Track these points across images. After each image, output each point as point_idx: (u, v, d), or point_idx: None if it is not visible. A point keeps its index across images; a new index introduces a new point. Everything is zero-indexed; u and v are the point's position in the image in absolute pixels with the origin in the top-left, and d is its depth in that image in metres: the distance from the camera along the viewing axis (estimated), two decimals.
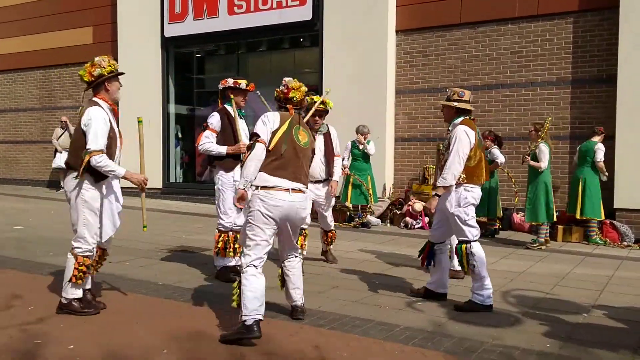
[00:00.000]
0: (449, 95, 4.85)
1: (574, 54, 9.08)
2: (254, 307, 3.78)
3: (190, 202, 12.21)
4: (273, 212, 3.95)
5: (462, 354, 3.68)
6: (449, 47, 10.06)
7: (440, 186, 4.62)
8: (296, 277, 4.32)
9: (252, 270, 3.90)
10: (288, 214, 4.02)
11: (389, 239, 8.39)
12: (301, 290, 4.35)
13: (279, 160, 4.02)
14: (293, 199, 4.01)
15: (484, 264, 4.65)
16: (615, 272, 6.28)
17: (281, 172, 4.02)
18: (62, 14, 14.63)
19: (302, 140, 4.18)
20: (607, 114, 8.75)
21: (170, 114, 13.01)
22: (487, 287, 4.65)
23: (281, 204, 3.96)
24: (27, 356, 3.53)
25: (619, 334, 4.18)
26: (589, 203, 7.89)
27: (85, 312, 4.35)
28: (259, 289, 3.85)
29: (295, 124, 4.19)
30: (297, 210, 4.07)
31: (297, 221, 4.15)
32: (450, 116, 4.84)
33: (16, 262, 6.24)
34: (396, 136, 10.48)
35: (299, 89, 4.29)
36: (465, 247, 4.67)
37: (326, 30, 10.79)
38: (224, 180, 5.55)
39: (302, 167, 4.15)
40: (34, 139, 15.62)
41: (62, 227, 8.75)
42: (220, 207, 5.58)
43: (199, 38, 12.39)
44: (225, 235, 5.54)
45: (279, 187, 3.98)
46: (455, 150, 4.57)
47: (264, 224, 3.95)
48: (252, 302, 3.78)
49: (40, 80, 15.44)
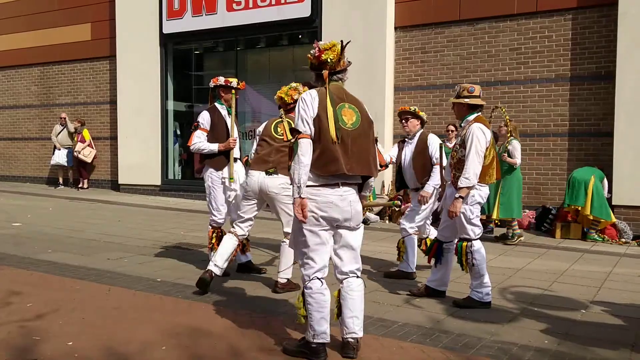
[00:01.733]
0: (459, 92, 4.77)
1: (573, 51, 9.09)
2: (322, 329, 3.37)
3: (189, 198, 12.20)
4: (326, 211, 3.37)
5: (460, 350, 3.69)
6: (447, 43, 10.06)
7: (464, 187, 4.49)
8: (355, 302, 3.49)
9: (317, 285, 3.39)
10: (341, 211, 3.39)
11: (387, 235, 8.39)
12: (360, 321, 3.52)
13: (326, 153, 3.35)
14: (343, 192, 3.41)
15: (484, 263, 4.66)
16: (613, 269, 6.29)
17: (331, 167, 3.35)
18: (60, 11, 14.59)
19: (347, 122, 3.45)
20: (605, 110, 8.76)
21: (169, 110, 12.99)
22: (486, 284, 4.66)
23: (332, 199, 3.37)
24: (26, 352, 3.53)
25: (617, 330, 4.19)
26: (598, 202, 7.90)
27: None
28: (326, 307, 3.39)
29: (339, 102, 3.48)
30: (349, 203, 3.42)
31: (352, 218, 3.46)
32: (462, 113, 4.76)
33: (14, 258, 6.24)
34: (395, 133, 10.47)
35: (333, 48, 3.53)
36: (465, 245, 4.66)
37: (325, 27, 10.78)
38: (214, 178, 5.59)
39: (356, 154, 3.41)
40: (33, 136, 15.60)
41: (60, 224, 8.77)
42: (212, 204, 5.64)
43: (198, 35, 12.37)
44: (218, 231, 5.64)
45: (329, 184, 3.38)
46: (474, 149, 4.49)
47: (316, 226, 3.39)
48: (319, 324, 3.37)
49: (38, 77, 15.41)
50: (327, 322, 3.41)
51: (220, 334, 3.91)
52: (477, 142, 4.50)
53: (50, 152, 14.46)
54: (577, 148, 8.94)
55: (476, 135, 4.52)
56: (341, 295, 3.54)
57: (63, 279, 5.39)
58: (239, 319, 4.21)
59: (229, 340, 3.80)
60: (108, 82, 14.05)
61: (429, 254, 5.00)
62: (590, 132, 8.93)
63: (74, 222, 9.07)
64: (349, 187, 3.46)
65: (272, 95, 5.36)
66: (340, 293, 3.56)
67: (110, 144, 14.07)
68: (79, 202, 12.00)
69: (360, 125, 3.49)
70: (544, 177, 9.24)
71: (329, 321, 3.42)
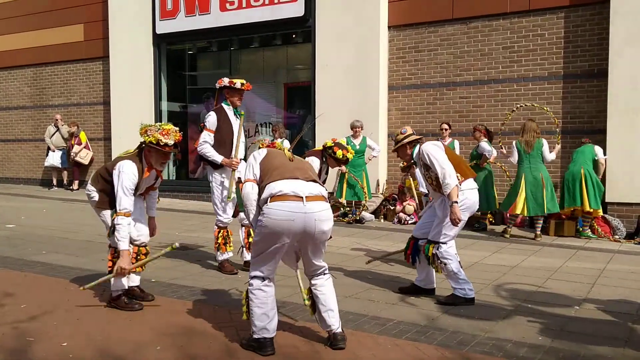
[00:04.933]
0: (395, 139, 4.99)
1: (566, 49, 9.12)
2: (263, 325, 3.53)
3: (184, 199, 12.18)
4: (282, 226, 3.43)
5: (454, 347, 3.70)
6: (441, 42, 10.08)
7: (450, 191, 4.47)
8: (327, 297, 3.67)
9: (257, 282, 3.58)
10: (303, 228, 3.45)
11: (382, 234, 8.40)
12: (336, 313, 3.68)
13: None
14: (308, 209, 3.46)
15: (455, 261, 4.66)
16: (606, 265, 6.32)
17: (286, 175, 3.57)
18: (52, 11, 14.53)
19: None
20: (598, 108, 8.80)
21: (163, 111, 12.95)
22: (464, 281, 4.67)
23: (292, 217, 3.42)
24: (20, 354, 3.52)
25: (611, 326, 4.21)
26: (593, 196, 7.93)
27: (128, 307, 4.42)
28: (266, 303, 3.55)
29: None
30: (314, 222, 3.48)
31: (316, 236, 3.54)
32: (408, 154, 4.92)
33: (8, 260, 6.22)
34: (389, 132, 10.49)
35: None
36: (432, 247, 4.69)
37: (318, 27, 10.78)
38: (216, 178, 5.70)
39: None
40: (26, 138, 15.53)
41: (54, 226, 8.74)
42: (217, 204, 5.72)
43: (191, 35, 12.33)
44: (224, 231, 5.75)
45: (289, 196, 3.45)
46: (434, 159, 4.55)
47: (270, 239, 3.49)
48: (260, 319, 3.54)
49: (31, 78, 15.34)
50: (270, 317, 3.56)
51: (215, 334, 3.92)
52: (434, 153, 4.58)
53: (44, 154, 14.40)
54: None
55: (429, 151, 4.61)
56: (312, 293, 3.74)
57: (57, 280, 5.38)
58: (234, 318, 4.21)
59: (223, 339, 3.80)
60: (101, 83, 14.01)
61: (406, 253, 5.05)
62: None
63: (68, 223, 9.04)
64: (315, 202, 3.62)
65: (266, 95, 5.38)
66: (310, 290, 3.76)
67: (104, 145, 14.02)
68: (72, 203, 11.96)
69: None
70: None
71: (272, 317, 3.57)
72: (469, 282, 4.71)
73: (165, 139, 4.33)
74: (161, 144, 4.35)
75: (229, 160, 5.58)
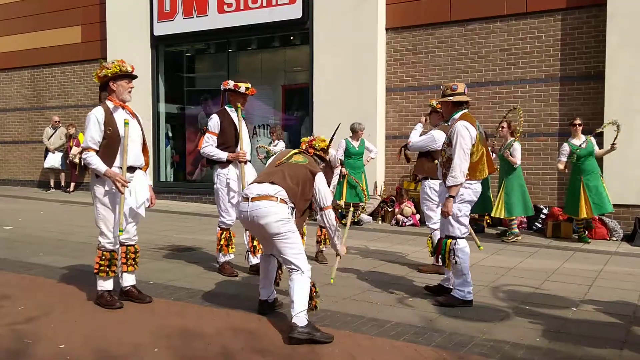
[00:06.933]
0: (443, 91, 4.83)
1: (562, 51, 9.15)
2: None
3: (181, 201, 12.16)
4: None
5: (452, 348, 3.70)
6: (438, 44, 10.10)
7: (452, 186, 4.51)
8: (291, 289, 3.92)
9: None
10: (250, 223, 4.12)
11: (380, 236, 8.41)
12: (295, 305, 3.83)
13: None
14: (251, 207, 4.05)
15: (467, 262, 4.68)
16: (604, 267, 6.34)
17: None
18: (50, 13, 14.52)
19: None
20: (595, 110, 8.82)
21: (161, 113, 12.94)
22: (468, 283, 4.68)
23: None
24: (18, 356, 3.51)
25: (608, 327, 4.22)
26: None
27: (109, 305, 4.50)
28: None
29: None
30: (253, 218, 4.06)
31: (263, 230, 4.07)
32: (448, 112, 4.81)
33: (5, 262, 6.20)
34: (387, 134, 10.50)
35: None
36: (450, 243, 4.68)
37: (316, 29, 10.79)
38: (221, 179, 5.67)
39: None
40: (23, 139, 15.51)
41: (52, 227, 8.72)
42: (221, 205, 5.72)
43: (189, 37, 12.34)
44: (227, 233, 5.71)
45: (244, 197, 4.15)
46: (459, 146, 4.51)
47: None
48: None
49: (28, 80, 15.32)
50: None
51: (213, 335, 3.91)
52: (461, 140, 4.52)
53: (41, 156, 14.37)
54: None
55: (460, 133, 4.54)
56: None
57: (55, 282, 5.37)
58: (232, 320, 4.21)
59: (221, 341, 3.80)
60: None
61: (436, 254, 4.99)
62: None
63: (66, 225, 9.02)
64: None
65: (264, 97, 5.39)
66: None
67: None
68: (70, 205, 11.94)
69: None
70: (535, 176, 9.29)
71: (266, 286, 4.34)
72: (471, 285, 4.71)
73: (124, 65, 4.58)
74: (123, 69, 4.58)
75: (235, 154, 5.56)
